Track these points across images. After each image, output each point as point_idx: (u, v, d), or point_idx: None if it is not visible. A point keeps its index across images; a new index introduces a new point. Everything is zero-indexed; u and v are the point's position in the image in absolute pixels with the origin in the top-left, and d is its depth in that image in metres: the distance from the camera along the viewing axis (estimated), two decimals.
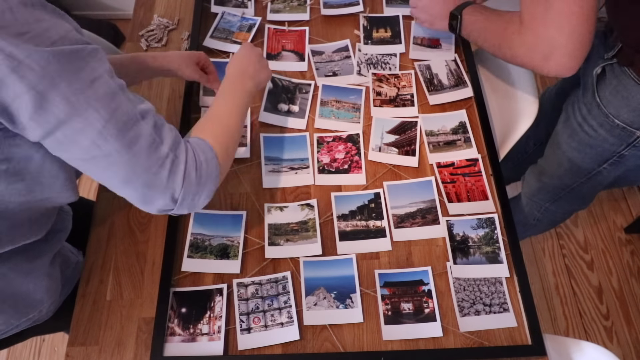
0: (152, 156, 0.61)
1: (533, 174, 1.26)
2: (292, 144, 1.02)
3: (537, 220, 1.35)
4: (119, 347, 0.81)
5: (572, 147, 1.05)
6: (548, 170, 1.18)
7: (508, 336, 0.84)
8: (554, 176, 1.16)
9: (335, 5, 1.24)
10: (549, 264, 1.78)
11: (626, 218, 1.88)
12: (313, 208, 0.94)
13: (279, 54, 1.16)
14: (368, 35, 1.20)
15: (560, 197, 1.21)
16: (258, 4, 1.24)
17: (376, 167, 1.01)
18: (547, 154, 1.18)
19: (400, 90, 1.11)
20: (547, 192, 1.23)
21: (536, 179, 1.24)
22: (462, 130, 1.05)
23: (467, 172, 1.00)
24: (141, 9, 1.23)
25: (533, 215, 1.34)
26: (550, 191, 1.22)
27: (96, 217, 0.93)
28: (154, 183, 0.62)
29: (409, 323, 0.84)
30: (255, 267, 0.89)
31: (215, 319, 0.83)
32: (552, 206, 1.27)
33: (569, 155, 1.06)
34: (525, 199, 1.32)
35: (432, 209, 0.95)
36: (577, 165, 1.07)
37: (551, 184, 1.20)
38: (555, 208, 1.27)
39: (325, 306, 0.85)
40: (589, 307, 1.70)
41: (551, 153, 1.14)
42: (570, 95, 1.08)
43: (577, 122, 1.01)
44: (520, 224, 1.43)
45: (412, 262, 0.90)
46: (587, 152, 1.03)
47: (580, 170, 1.08)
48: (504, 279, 0.89)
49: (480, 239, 0.92)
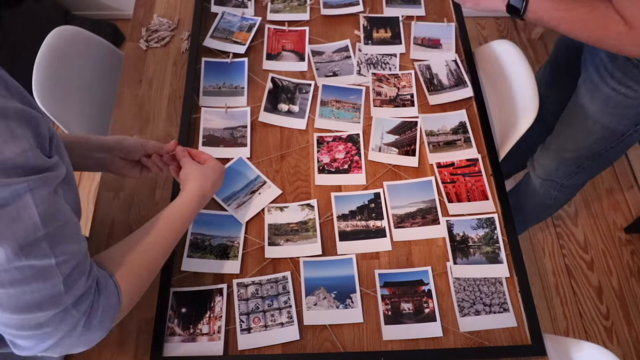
0: (44, 308, 0.52)
1: (548, 154, 1.25)
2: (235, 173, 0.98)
3: (554, 199, 1.35)
4: (119, 347, 0.81)
5: (607, 112, 1.05)
6: (571, 144, 1.17)
7: (508, 336, 0.84)
8: (579, 148, 1.16)
9: (335, 5, 1.24)
10: (549, 264, 1.78)
11: (626, 218, 1.88)
12: (313, 208, 0.94)
13: (279, 54, 1.16)
14: (368, 36, 1.20)
15: (584, 168, 1.21)
16: (258, 4, 1.24)
17: (376, 167, 1.01)
18: (565, 130, 1.17)
19: (400, 90, 1.11)
20: (567, 167, 1.23)
21: (553, 158, 1.23)
22: (462, 130, 1.05)
23: (467, 172, 1.00)
24: (141, 9, 1.23)
25: (549, 195, 1.34)
26: (572, 165, 1.21)
27: (96, 217, 0.93)
28: (31, 331, 0.53)
29: (409, 323, 0.84)
30: (255, 267, 0.89)
31: (215, 319, 0.83)
32: (572, 180, 1.26)
33: (603, 121, 1.06)
34: (539, 181, 1.32)
35: (432, 209, 0.95)
36: (611, 130, 1.07)
37: (575, 157, 1.19)
38: (575, 181, 1.27)
39: (325, 306, 0.85)
40: (589, 307, 1.70)
41: (576, 126, 1.13)
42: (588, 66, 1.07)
43: (611, 87, 1.01)
44: (535, 209, 1.43)
45: (412, 262, 0.90)
46: (624, 114, 1.03)
47: (614, 135, 1.08)
48: (504, 279, 0.89)
49: (480, 239, 0.92)
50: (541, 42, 2.32)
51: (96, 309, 0.58)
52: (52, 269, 0.51)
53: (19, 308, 0.51)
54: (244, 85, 1.10)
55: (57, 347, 0.56)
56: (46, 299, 0.52)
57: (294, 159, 1.02)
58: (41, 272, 0.51)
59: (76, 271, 0.55)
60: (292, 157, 1.02)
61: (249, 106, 1.07)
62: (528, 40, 2.33)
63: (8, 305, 0.50)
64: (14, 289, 0.49)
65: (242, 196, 0.96)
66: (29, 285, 0.50)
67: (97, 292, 0.59)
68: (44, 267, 0.51)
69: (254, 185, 0.97)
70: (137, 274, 0.66)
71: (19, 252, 0.48)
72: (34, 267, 0.50)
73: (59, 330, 0.54)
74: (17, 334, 0.53)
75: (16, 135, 0.46)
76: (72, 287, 0.54)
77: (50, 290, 0.52)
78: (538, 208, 1.43)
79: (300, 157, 1.02)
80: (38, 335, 0.54)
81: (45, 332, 0.54)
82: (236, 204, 0.95)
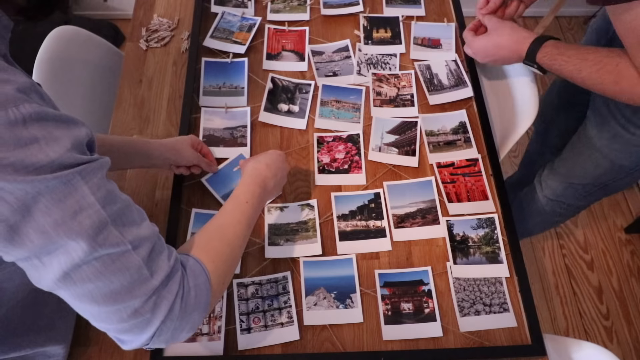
0: (135, 292, 0.53)
1: (555, 178, 1.24)
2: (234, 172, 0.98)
3: (559, 216, 1.35)
4: (119, 347, 0.81)
5: (614, 149, 1.04)
6: (578, 172, 1.17)
7: (508, 336, 0.84)
8: (587, 177, 1.15)
9: (335, 5, 1.24)
10: (549, 264, 1.78)
11: (626, 218, 1.88)
12: (313, 208, 0.94)
13: (279, 54, 1.16)
14: (368, 36, 1.20)
15: (591, 194, 1.21)
16: (258, 4, 1.24)
17: (376, 167, 1.01)
18: (574, 157, 1.17)
19: (400, 90, 1.11)
20: (575, 191, 1.22)
21: (560, 182, 1.22)
22: (462, 130, 1.05)
23: (467, 172, 1.00)
24: (141, 9, 1.23)
25: (555, 213, 1.33)
26: (580, 190, 1.20)
27: None
28: (131, 322, 0.54)
29: (409, 323, 0.84)
30: (255, 267, 0.89)
31: (215, 319, 0.83)
32: (579, 202, 1.26)
33: (611, 157, 1.05)
34: (546, 200, 1.31)
35: (432, 209, 0.95)
36: (619, 165, 1.06)
37: (582, 184, 1.18)
38: (582, 203, 1.26)
39: (325, 306, 0.85)
40: (589, 307, 1.70)
41: (584, 155, 1.12)
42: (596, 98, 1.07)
43: (621, 125, 0.99)
44: (539, 224, 1.43)
45: (412, 262, 0.90)
46: (632, 152, 1.02)
47: (622, 169, 1.07)
48: (504, 279, 0.89)
49: (480, 239, 0.92)
50: None
51: (187, 289, 0.58)
52: (130, 254, 0.52)
53: (111, 299, 0.52)
54: (244, 85, 1.10)
55: (162, 334, 0.56)
56: (134, 285, 0.53)
57: (294, 159, 1.02)
58: (120, 258, 0.51)
59: (154, 253, 0.56)
60: (292, 157, 1.02)
61: (249, 106, 1.07)
62: None
63: (100, 297, 0.51)
64: (100, 280, 0.50)
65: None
66: (114, 274, 0.51)
67: (184, 272, 0.59)
68: (122, 253, 0.52)
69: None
70: (217, 254, 0.66)
71: (93, 242, 0.49)
72: (112, 255, 0.51)
73: (157, 316, 0.55)
74: (118, 328, 0.54)
75: (56, 137, 0.47)
76: (155, 269, 0.55)
77: (135, 274, 0.53)
78: (542, 224, 1.42)
79: (300, 157, 1.02)
80: (138, 325, 0.54)
81: (144, 319, 0.54)
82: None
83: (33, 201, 0.45)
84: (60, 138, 0.48)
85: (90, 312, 0.53)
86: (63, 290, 0.51)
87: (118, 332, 0.55)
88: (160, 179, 0.98)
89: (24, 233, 0.46)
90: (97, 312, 0.53)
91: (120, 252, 0.51)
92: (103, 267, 0.50)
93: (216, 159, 1.00)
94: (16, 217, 0.45)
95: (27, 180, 0.44)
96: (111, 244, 0.50)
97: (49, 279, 0.49)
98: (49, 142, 0.46)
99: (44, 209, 0.46)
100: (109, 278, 0.51)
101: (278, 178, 0.82)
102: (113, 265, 0.51)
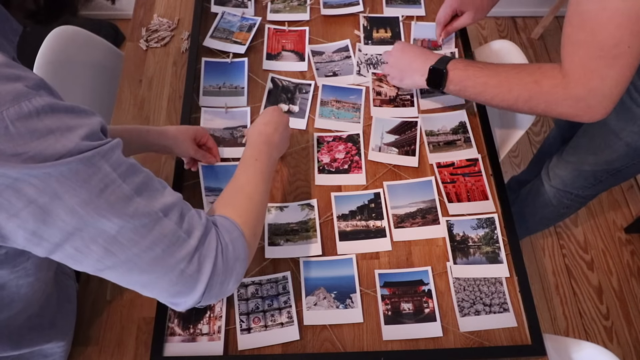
0: (177, 255, 0.56)
1: (565, 166, 1.24)
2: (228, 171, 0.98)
3: (566, 208, 1.35)
4: (119, 347, 0.81)
5: (632, 131, 1.03)
6: (591, 158, 1.16)
7: (508, 336, 0.84)
8: (600, 162, 1.15)
9: (335, 5, 1.24)
10: (549, 264, 1.78)
11: (626, 218, 1.88)
12: (313, 208, 0.94)
13: (279, 54, 1.16)
14: (368, 36, 1.20)
15: (601, 181, 1.20)
16: (258, 4, 1.24)
17: (376, 167, 1.01)
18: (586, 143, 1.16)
19: (400, 90, 1.11)
20: (585, 179, 1.22)
21: (571, 169, 1.22)
22: (462, 130, 1.05)
23: (467, 172, 1.00)
24: (141, 9, 1.23)
25: (562, 204, 1.33)
26: (590, 177, 1.20)
27: None
28: (180, 284, 0.57)
29: (409, 323, 0.84)
30: (255, 267, 0.89)
31: (215, 319, 0.83)
32: (588, 191, 1.26)
33: (628, 139, 1.05)
34: (553, 191, 1.31)
35: (432, 209, 0.95)
36: (634, 148, 1.06)
37: (593, 170, 1.18)
38: (590, 192, 1.26)
39: (325, 306, 0.85)
40: (589, 307, 1.70)
41: (598, 140, 1.12)
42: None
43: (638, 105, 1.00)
44: (546, 217, 1.43)
45: (412, 262, 0.90)
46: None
47: (637, 152, 1.07)
48: (504, 279, 0.89)
49: (480, 239, 0.92)
50: (541, 42, 2.32)
51: (225, 244, 0.61)
52: (162, 220, 0.55)
53: (156, 265, 0.55)
54: (244, 85, 1.10)
55: (211, 290, 0.59)
56: (174, 248, 0.55)
57: (294, 159, 1.02)
58: (155, 226, 0.54)
59: (185, 216, 0.58)
60: (292, 157, 1.02)
61: (249, 106, 1.07)
62: (528, 40, 2.34)
63: (145, 266, 0.54)
64: (141, 250, 0.53)
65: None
66: (152, 242, 0.54)
67: (217, 229, 0.62)
68: (155, 221, 0.54)
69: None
70: (242, 209, 0.69)
71: (124, 216, 0.51)
72: (146, 224, 0.53)
73: (203, 273, 0.58)
74: (170, 292, 0.57)
75: (71, 127, 0.48)
76: (190, 230, 0.58)
77: (173, 238, 0.55)
78: (549, 217, 1.42)
79: (300, 157, 1.02)
80: (187, 284, 0.57)
81: (191, 279, 0.57)
82: (213, 199, 0.94)
83: (58, 184, 0.47)
84: (75, 127, 0.49)
85: (140, 282, 0.56)
86: (108, 270, 0.53)
87: (170, 296, 0.58)
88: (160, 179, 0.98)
89: (55, 213, 0.47)
90: (146, 281, 0.56)
91: (152, 221, 0.54)
92: (140, 237, 0.53)
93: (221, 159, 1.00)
94: (44, 198, 0.46)
95: (49, 166, 0.46)
96: (142, 214, 0.53)
97: (92, 259, 0.52)
98: (64, 133, 0.47)
99: (70, 190, 0.47)
100: (149, 246, 0.53)
101: (280, 131, 0.85)
102: (150, 234, 0.53)
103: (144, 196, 0.54)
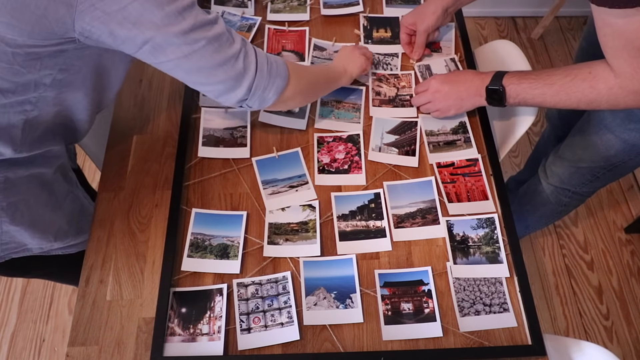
0: (229, 51, 0.73)
1: (562, 163, 1.24)
2: (286, 162, 1.00)
3: (565, 206, 1.36)
4: (119, 347, 0.81)
5: (628, 129, 1.04)
6: (588, 155, 1.17)
7: (508, 336, 0.84)
8: (596, 159, 1.15)
9: (335, 5, 1.24)
10: (549, 264, 1.78)
11: (626, 218, 1.88)
12: (314, 209, 0.94)
13: (279, 54, 1.16)
14: (368, 35, 1.20)
15: (598, 177, 1.21)
16: (258, 4, 1.24)
17: (376, 167, 1.01)
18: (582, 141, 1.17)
19: (400, 90, 1.11)
20: (582, 176, 1.22)
21: (568, 167, 1.23)
22: (462, 130, 1.05)
23: (467, 172, 1.00)
24: None
25: (561, 202, 1.34)
26: (587, 174, 1.21)
27: (96, 217, 0.93)
28: (233, 73, 0.75)
29: (409, 323, 0.84)
30: (255, 267, 0.89)
31: (215, 319, 0.83)
32: (585, 188, 1.26)
33: (624, 136, 1.06)
34: (551, 189, 1.31)
35: (432, 209, 0.95)
36: (631, 144, 1.07)
37: (590, 167, 1.19)
38: (588, 189, 1.27)
39: (325, 306, 0.85)
40: (589, 307, 1.70)
41: (594, 137, 1.13)
42: None
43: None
44: (544, 215, 1.43)
45: (412, 262, 0.90)
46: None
47: (634, 148, 1.08)
48: (504, 279, 0.89)
49: (480, 239, 0.92)
50: (541, 42, 2.32)
51: (267, 58, 0.80)
52: (216, 24, 0.72)
53: (214, 64, 0.73)
54: None
55: (256, 91, 0.79)
56: (224, 45, 0.73)
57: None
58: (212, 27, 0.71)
59: (229, 32, 0.75)
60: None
61: None
62: (528, 40, 2.34)
63: (207, 63, 0.72)
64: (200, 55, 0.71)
65: (280, 186, 0.97)
66: (206, 45, 0.71)
67: (258, 49, 0.80)
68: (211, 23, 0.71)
69: (294, 181, 0.98)
70: (301, 68, 0.92)
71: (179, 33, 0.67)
72: (205, 24, 0.70)
73: (248, 70, 0.77)
74: (223, 88, 0.77)
75: None
76: (234, 36, 0.76)
77: (223, 38, 0.73)
78: (548, 214, 1.42)
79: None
80: (236, 78, 0.76)
81: (239, 73, 0.76)
82: (272, 190, 0.96)
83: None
84: None
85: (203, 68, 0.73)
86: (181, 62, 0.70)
87: (223, 93, 0.78)
88: (160, 179, 0.98)
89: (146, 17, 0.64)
90: (206, 70, 0.73)
91: (209, 23, 0.71)
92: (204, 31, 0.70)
93: (219, 159, 1.00)
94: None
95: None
96: (202, 18, 0.70)
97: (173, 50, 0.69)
98: None
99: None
100: (212, 37, 0.71)
101: (356, 59, 1.06)
102: (210, 31, 0.71)
103: (199, 10, 0.70)
